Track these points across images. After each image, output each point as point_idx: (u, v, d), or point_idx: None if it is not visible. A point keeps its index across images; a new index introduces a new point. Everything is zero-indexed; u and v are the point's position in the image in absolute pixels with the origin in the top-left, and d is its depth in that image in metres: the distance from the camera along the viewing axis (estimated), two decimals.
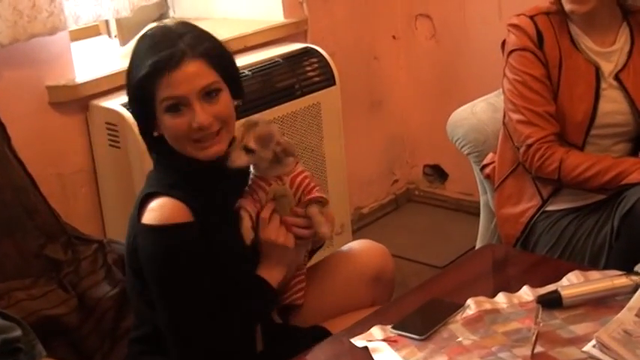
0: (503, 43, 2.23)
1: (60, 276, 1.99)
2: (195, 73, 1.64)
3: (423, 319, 1.64)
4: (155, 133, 1.70)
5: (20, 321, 1.55)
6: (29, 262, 1.97)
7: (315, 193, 1.79)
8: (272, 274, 1.74)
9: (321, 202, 1.79)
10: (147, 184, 1.73)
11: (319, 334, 1.77)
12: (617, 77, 2.16)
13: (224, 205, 1.74)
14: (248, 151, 1.72)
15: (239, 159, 1.72)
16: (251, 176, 1.78)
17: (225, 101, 1.70)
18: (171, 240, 1.62)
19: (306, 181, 1.79)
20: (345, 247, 1.98)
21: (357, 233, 3.23)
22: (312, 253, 1.91)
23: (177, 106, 1.64)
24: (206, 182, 1.71)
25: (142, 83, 1.64)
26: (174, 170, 1.70)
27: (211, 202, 1.71)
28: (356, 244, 1.98)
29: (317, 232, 1.78)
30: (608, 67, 2.16)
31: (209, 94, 1.66)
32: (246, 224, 1.73)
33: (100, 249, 2.06)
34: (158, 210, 1.63)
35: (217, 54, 1.70)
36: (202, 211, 1.66)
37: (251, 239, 1.73)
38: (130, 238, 1.70)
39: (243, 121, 1.77)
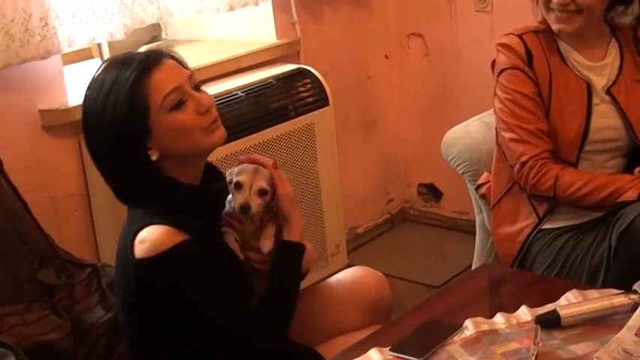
0: (493, 62, 2.23)
1: (53, 301, 1.97)
2: (175, 66, 1.66)
3: (420, 341, 1.62)
4: (153, 157, 1.65)
5: (14, 347, 1.53)
6: (22, 287, 1.95)
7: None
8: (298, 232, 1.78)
9: (273, 224, 1.81)
10: (129, 221, 1.69)
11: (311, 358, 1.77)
12: (608, 92, 2.16)
13: (214, 226, 1.75)
14: (262, 193, 1.75)
15: (256, 204, 1.74)
16: (223, 215, 1.79)
17: (208, 93, 1.71)
18: (173, 262, 1.60)
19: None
20: (341, 274, 1.97)
21: (352, 253, 3.21)
22: None
23: (181, 100, 1.62)
24: (192, 207, 1.69)
25: (131, 92, 1.60)
26: (156, 203, 1.67)
27: (199, 227, 1.69)
28: (352, 272, 1.97)
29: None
30: (600, 82, 2.17)
31: (196, 86, 1.68)
32: (236, 245, 1.76)
33: (94, 273, 2.04)
34: (148, 239, 1.60)
35: (184, 61, 1.72)
36: (193, 234, 1.65)
37: (243, 257, 1.76)
38: (123, 276, 1.68)
39: (236, 170, 1.79)
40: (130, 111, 1.61)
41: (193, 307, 1.64)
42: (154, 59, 1.64)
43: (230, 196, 1.80)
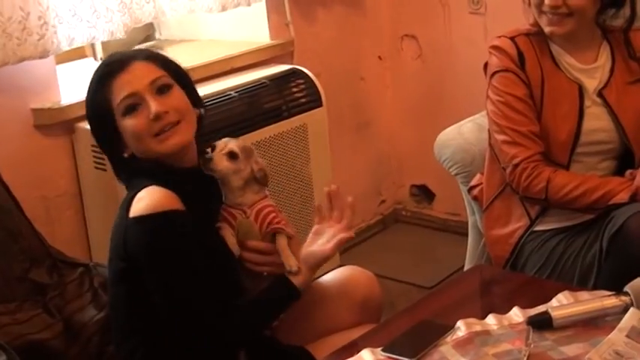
0: (486, 65, 2.24)
1: (45, 300, 1.97)
2: (143, 71, 1.70)
3: (413, 341, 1.62)
4: (125, 154, 1.72)
5: (5, 346, 1.53)
6: (13, 287, 1.95)
7: (278, 224, 1.80)
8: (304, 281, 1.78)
9: (283, 234, 1.80)
10: (129, 191, 1.72)
11: (303, 358, 1.78)
12: (600, 94, 2.17)
13: (206, 213, 1.75)
14: (231, 156, 1.75)
15: (221, 163, 1.75)
16: (221, 210, 1.81)
17: (179, 95, 1.73)
18: (165, 226, 1.61)
19: (272, 215, 1.80)
20: (331, 274, 1.97)
21: (344, 254, 3.21)
22: None
23: (134, 105, 1.67)
24: (184, 190, 1.70)
25: (97, 94, 1.68)
26: (151, 182, 1.69)
27: (192, 209, 1.70)
28: (342, 271, 1.98)
29: (285, 265, 1.77)
30: (591, 84, 2.17)
31: (161, 89, 1.70)
32: (231, 239, 1.76)
33: (86, 272, 2.04)
34: (147, 198, 1.63)
35: (166, 59, 1.76)
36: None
37: (239, 250, 1.77)
38: (116, 240, 1.69)
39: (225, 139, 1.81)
40: (95, 111, 1.72)
41: (169, 282, 1.64)
42: (121, 62, 1.70)
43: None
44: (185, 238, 1.63)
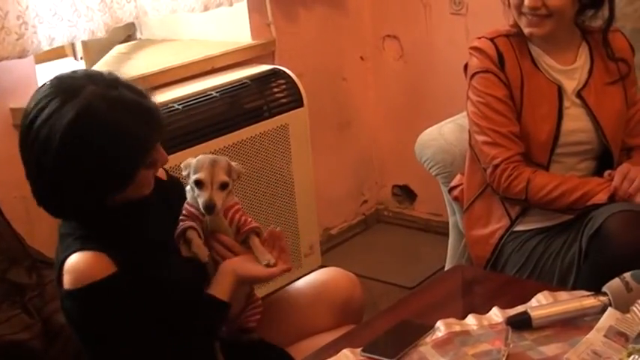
0: (466, 66, 2.25)
1: (24, 300, 1.96)
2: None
3: (393, 342, 1.63)
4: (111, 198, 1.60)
5: None
6: None
7: (251, 224, 1.79)
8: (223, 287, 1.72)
9: (257, 232, 1.79)
10: (60, 244, 1.65)
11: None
12: (579, 95, 2.18)
13: (156, 237, 1.70)
14: (224, 186, 1.73)
15: (219, 199, 1.72)
16: (185, 205, 1.78)
17: None
18: (92, 301, 1.56)
19: (238, 214, 1.79)
20: (313, 275, 1.97)
21: (326, 254, 3.22)
22: None
23: (154, 159, 1.61)
24: (130, 219, 1.65)
25: (145, 152, 1.58)
26: (89, 220, 1.63)
27: (139, 238, 1.66)
28: (323, 272, 1.97)
29: (260, 262, 1.75)
30: (570, 85, 2.19)
31: None
32: (198, 242, 1.73)
33: None
34: (73, 271, 1.56)
35: None
36: (129, 250, 1.61)
37: (207, 255, 1.73)
38: (60, 303, 1.66)
39: (193, 162, 1.75)
40: (128, 161, 1.57)
41: (112, 352, 1.60)
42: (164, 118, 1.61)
43: (189, 187, 1.78)
44: (119, 302, 1.57)
